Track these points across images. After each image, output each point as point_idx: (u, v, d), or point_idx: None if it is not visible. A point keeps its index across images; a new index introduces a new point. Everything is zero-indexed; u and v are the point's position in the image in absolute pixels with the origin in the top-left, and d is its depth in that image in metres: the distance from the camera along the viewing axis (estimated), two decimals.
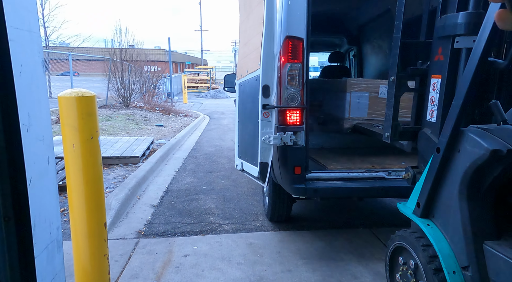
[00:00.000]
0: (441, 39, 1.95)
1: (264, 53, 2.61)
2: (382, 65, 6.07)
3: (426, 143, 2.09)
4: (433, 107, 2.04)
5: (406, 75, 2.20)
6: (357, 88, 3.28)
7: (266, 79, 2.64)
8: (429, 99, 2.08)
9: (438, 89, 1.98)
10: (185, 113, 16.09)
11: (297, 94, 2.78)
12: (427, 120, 2.10)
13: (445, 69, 1.92)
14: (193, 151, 7.94)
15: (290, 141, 2.73)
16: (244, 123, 3.20)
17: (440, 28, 1.94)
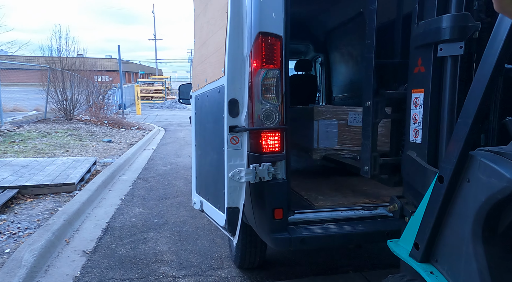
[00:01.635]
0: (420, 48, 1.75)
1: (230, 55, 1.87)
2: (353, 74, 5.58)
3: (412, 168, 1.83)
4: (417, 126, 1.81)
5: (383, 99, 2.03)
6: (325, 116, 3.03)
7: (234, 91, 1.90)
8: (411, 117, 1.85)
9: (421, 104, 1.77)
10: (138, 126, 14.87)
11: (274, 110, 2.06)
12: (411, 141, 1.86)
13: (428, 82, 1.71)
14: (145, 171, 6.95)
15: (268, 175, 2.00)
16: (204, 150, 2.42)
17: (419, 36, 1.74)
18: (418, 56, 1.77)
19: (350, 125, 3.01)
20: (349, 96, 5.75)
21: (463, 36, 1.55)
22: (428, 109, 1.73)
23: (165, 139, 12.51)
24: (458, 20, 1.56)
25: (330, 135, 3.01)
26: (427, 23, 1.69)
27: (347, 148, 3.03)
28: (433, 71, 1.70)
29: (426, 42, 1.70)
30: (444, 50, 1.64)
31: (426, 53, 1.71)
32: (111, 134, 11.71)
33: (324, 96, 6.50)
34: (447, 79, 1.67)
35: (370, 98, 2.01)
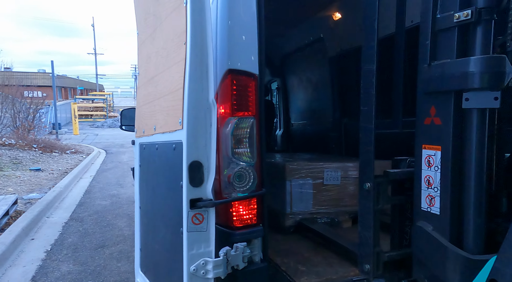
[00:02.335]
0: (433, 95, 1.46)
1: (191, 102, 1.36)
2: (312, 101, 5.32)
3: (427, 245, 1.50)
4: (432, 191, 1.49)
5: (386, 180, 1.68)
6: (299, 175, 2.64)
7: (196, 151, 1.38)
8: (423, 180, 1.53)
9: (437, 165, 1.47)
10: (74, 149, 13.45)
11: (249, 170, 1.57)
12: (424, 209, 1.54)
13: (447, 138, 1.41)
14: (80, 208, 6.00)
15: (243, 261, 1.48)
16: (153, 220, 1.84)
17: (433, 80, 1.44)
18: (431, 104, 1.47)
19: (327, 184, 2.65)
20: (309, 124, 5.48)
21: (499, 84, 1.26)
22: (449, 172, 1.41)
23: (106, 164, 11.37)
24: (492, 64, 1.26)
25: (304, 197, 2.60)
26: (446, 65, 1.38)
27: (324, 210, 2.65)
28: (454, 125, 1.38)
29: (444, 89, 1.39)
30: (472, 101, 1.33)
31: (444, 102, 1.41)
32: (41, 160, 10.34)
33: (281, 122, 6.18)
34: (473, 135, 1.36)
35: (371, 178, 1.63)
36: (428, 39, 1.44)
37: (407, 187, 1.70)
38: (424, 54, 1.47)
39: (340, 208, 2.68)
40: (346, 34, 4.07)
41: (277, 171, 2.71)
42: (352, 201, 2.66)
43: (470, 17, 1.27)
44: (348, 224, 2.72)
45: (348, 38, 4.05)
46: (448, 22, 1.37)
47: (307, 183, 2.61)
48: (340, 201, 2.67)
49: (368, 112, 1.65)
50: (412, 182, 1.61)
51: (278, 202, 2.70)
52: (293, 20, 4.51)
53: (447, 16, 1.37)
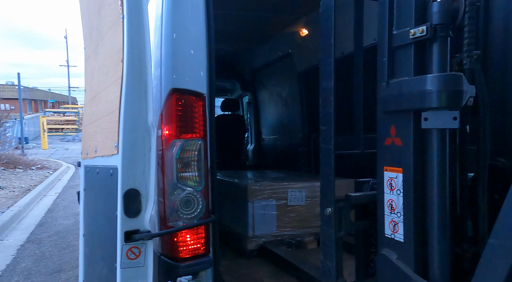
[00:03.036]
0: (393, 114, 1.39)
1: (127, 126, 1.25)
2: (283, 116, 5.29)
3: (392, 275, 1.38)
4: (395, 217, 1.39)
5: (348, 205, 1.57)
6: (261, 196, 2.53)
7: (133, 178, 1.26)
8: (386, 204, 1.43)
9: (399, 188, 1.37)
10: (41, 164, 12.85)
11: (197, 195, 1.47)
12: (388, 236, 1.43)
13: (408, 160, 1.33)
14: (39, 229, 5.65)
15: None
16: (93, 251, 1.68)
17: (391, 98, 1.37)
18: (390, 124, 1.40)
19: (291, 205, 2.55)
20: (279, 138, 5.43)
21: (457, 103, 1.20)
22: (412, 196, 1.32)
23: (74, 179, 10.89)
24: (449, 82, 1.20)
25: (267, 219, 2.48)
26: (404, 83, 1.32)
27: (288, 232, 2.54)
28: (415, 146, 1.31)
29: (403, 108, 1.33)
30: (431, 121, 1.27)
31: (403, 122, 1.34)
32: (2, 177, 9.78)
33: (253, 137, 6.11)
34: (435, 157, 1.29)
35: (331, 203, 1.52)
36: (385, 56, 1.39)
37: (370, 210, 1.60)
38: (382, 72, 1.42)
39: (305, 229, 2.59)
40: (313, 50, 4.09)
41: (239, 192, 2.61)
42: (316, 222, 2.57)
43: (426, 33, 1.23)
44: (313, 245, 2.63)
45: (315, 54, 4.06)
46: (404, 38, 1.32)
47: (270, 204, 2.51)
48: (305, 222, 2.59)
49: (327, 132, 1.57)
50: (375, 205, 1.52)
51: (240, 225, 2.59)
52: (262, 35, 4.50)
53: (403, 32, 1.33)
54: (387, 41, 1.39)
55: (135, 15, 1.24)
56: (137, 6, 1.25)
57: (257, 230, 2.48)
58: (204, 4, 1.50)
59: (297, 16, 3.84)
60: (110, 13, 1.42)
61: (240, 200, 2.57)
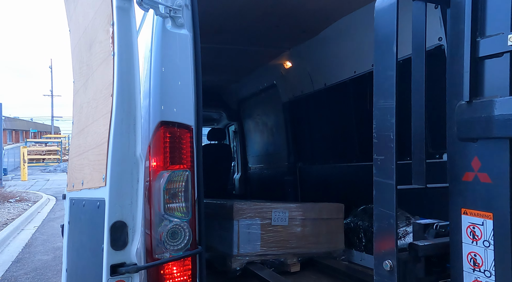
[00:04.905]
0: (476, 142, 1.11)
1: (115, 158, 1.27)
2: (268, 144, 5.37)
3: None
4: (482, 276, 1.09)
5: (414, 256, 1.26)
6: (247, 215, 2.64)
7: (120, 210, 1.27)
8: (466, 258, 1.14)
9: (488, 239, 1.08)
10: (20, 196, 12.42)
11: (184, 227, 1.47)
12: None
13: (503, 202, 1.04)
14: (15, 266, 5.39)
15: None
16: None
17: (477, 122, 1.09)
18: (472, 155, 1.14)
19: (274, 224, 2.64)
20: (266, 167, 5.48)
21: None
22: (510, 251, 1.04)
23: (55, 212, 10.55)
24: None
25: (252, 238, 2.57)
26: (497, 103, 1.05)
27: (272, 252, 2.62)
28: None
29: (495, 136, 1.06)
30: None
31: (494, 153, 1.08)
32: None
33: (239, 166, 6.13)
34: None
35: (392, 255, 1.20)
36: (467, 70, 1.12)
37: (434, 261, 1.32)
38: (458, 88, 1.15)
39: (288, 249, 2.69)
40: (297, 81, 4.24)
41: (225, 211, 2.69)
42: (299, 243, 2.69)
43: None
44: (296, 268, 2.72)
45: (299, 85, 4.22)
46: (496, 46, 1.07)
47: (255, 223, 2.60)
48: (288, 242, 2.69)
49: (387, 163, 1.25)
50: (442, 256, 1.27)
51: (225, 244, 2.66)
52: (248, 67, 4.65)
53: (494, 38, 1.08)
54: (468, 50, 1.12)
55: (125, 52, 1.30)
56: (128, 43, 1.32)
57: (241, 249, 2.55)
58: (191, 38, 1.58)
59: (282, 50, 4.01)
60: (101, 50, 1.48)
61: (225, 219, 2.64)
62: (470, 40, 1.11)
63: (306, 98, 4.18)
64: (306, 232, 2.72)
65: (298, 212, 2.72)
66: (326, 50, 3.49)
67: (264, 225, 2.61)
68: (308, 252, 2.78)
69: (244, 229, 2.56)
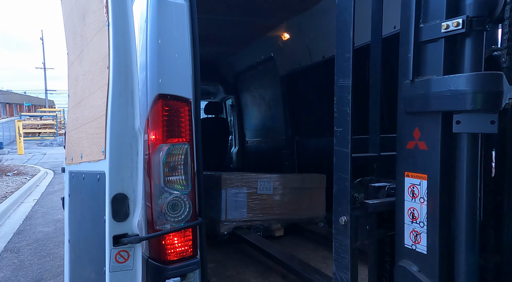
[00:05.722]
0: (417, 115, 1.27)
1: (114, 131, 1.27)
2: (266, 119, 5.35)
3: None
4: (417, 227, 1.29)
5: (365, 213, 1.44)
6: (234, 184, 2.87)
7: (121, 183, 1.28)
8: (406, 212, 1.33)
9: (423, 196, 1.26)
10: (17, 170, 12.46)
11: (184, 199, 1.49)
12: (407, 246, 1.33)
13: (434, 166, 1.21)
14: (17, 237, 5.49)
15: None
16: (79, 257, 1.69)
17: (417, 98, 1.25)
18: (414, 126, 1.28)
19: (260, 193, 2.87)
20: (263, 141, 5.49)
21: (496, 106, 1.08)
22: (438, 205, 1.21)
23: (53, 185, 10.61)
24: (487, 82, 1.08)
25: (239, 206, 2.80)
26: (433, 82, 1.20)
27: (258, 218, 2.86)
28: (443, 151, 1.19)
29: (431, 110, 1.21)
30: (464, 124, 1.14)
31: (430, 125, 1.22)
32: None
33: (236, 140, 6.14)
34: (463, 163, 1.16)
35: (346, 212, 1.39)
36: (411, 52, 1.26)
37: (386, 217, 1.50)
38: (405, 69, 1.29)
39: (273, 216, 2.90)
40: (295, 54, 4.17)
41: (214, 181, 2.85)
42: (283, 210, 2.92)
43: (461, 27, 1.11)
44: (280, 233, 2.98)
45: (297, 58, 4.15)
46: (434, 32, 1.19)
47: (241, 192, 2.81)
48: (272, 209, 2.90)
49: (344, 134, 1.42)
50: (391, 213, 1.42)
51: (214, 211, 2.84)
52: (244, 39, 4.55)
53: (432, 25, 1.20)
54: (412, 35, 1.25)
55: (120, 22, 1.26)
56: (123, 13, 1.28)
57: (229, 215, 2.78)
58: (188, 9, 1.53)
59: (280, 21, 3.91)
60: (95, 20, 1.44)
61: (214, 189, 2.82)
62: (414, 26, 1.25)
63: (304, 71, 4.13)
64: (290, 200, 2.94)
65: (282, 181, 2.92)
66: (325, 21, 3.41)
67: (250, 193, 2.82)
68: (291, 218, 3.03)
69: (231, 197, 2.77)
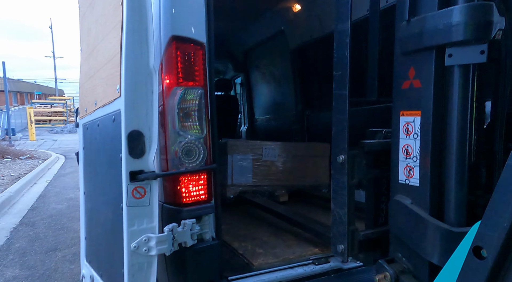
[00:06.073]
0: (413, 55, 1.29)
1: (129, 67, 1.26)
2: (275, 95, 5.31)
3: (405, 221, 1.34)
4: (411, 161, 1.34)
5: (361, 152, 1.51)
6: (239, 151, 2.92)
7: (136, 120, 1.28)
8: (401, 150, 1.38)
9: (416, 132, 1.31)
10: (30, 154, 12.66)
11: (198, 144, 1.49)
12: (402, 182, 1.38)
13: (428, 102, 1.25)
14: (32, 213, 5.61)
15: (191, 238, 1.39)
16: (96, 203, 1.71)
17: (412, 38, 1.27)
18: (409, 66, 1.31)
19: (265, 160, 2.92)
20: (273, 118, 5.45)
21: (486, 36, 1.09)
22: (430, 140, 1.26)
23: (65, 168, 10.77)
24: (478, 13, 1.10)
25: (244, 171, 2.88)
26: (427, 18, 1.21)
27: (263, 183, 2.92)
28: (436, 86, 1.23)
29: (425, 46, 1.23)
30: (456, 56, 1.17)
31: (424, 62, 1.25)
32: None
33: (246, 118, 6.12)
34: (455, 98, 1.20)
35: (344, 151, 1.46)
36: None
37: (382, 160, 1.55)
38: (401, 11, 1.31)
39: (277, 182, 2.94)
40: (306, 26, 4.09)
41: (220, 147, 2.87)
42: (287, 176, 2.96)
43: None
44: (284, 198, 3.02)
45: (309, 30, 4.07)
46: None
47: (247, 158, 2.87)
48: (277, 176, 2.95)
49: (342, 77, 1.46)
50: (387, 154, 1.46)
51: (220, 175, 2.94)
52: (254, 12, 4.48)
53: None
54: None
55: None
56: None
57: (235, 180, 2.86)
58: None
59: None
60: None
61: (221, 155, 2.85)
62: None
63: (315, 43, 4.05)
64: (294, 167, 2.98)
65: (287, 149, 2.96)
66: None
67: (256, 160, 2.88)
68: (295, 184, 3.07)
69: (237, 162, 2.84)
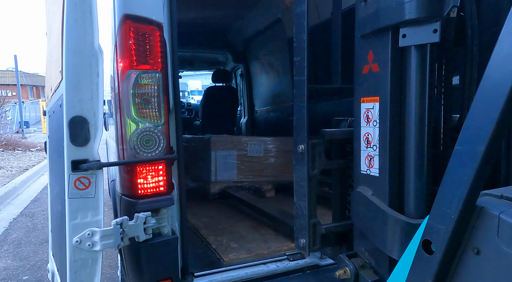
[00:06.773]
0: (370, 37, 1.23)
1: (69, 47, 1.17)
2: (275, 86, 5.17)
3: (366, 213, 1.29)
4: (371, 150, 1.28)
5: (322, 141, 1.44)
6: (224, 147, 2.86)
7: (79, 104, 1.19)
8: (362, 138, 1.32)
9: (375, 119, 1.25)
10: (41, 146, 12.85)
11: (156, 132, 1.39)
12: (363, 172, 1.33)
13: (385, 87, 1.19)
14: (33, 204, 5.66)
15: (146, 232, 1.30)
16: (53, 193, 1.63)
17: (369, 18, 1.21)
18: (368, 49, 1.25)
19: (250, 155, 2.85)
20: (272, 109, 5.33)
21: (439, 14, 1.05)
22: (388, 127, 1.20)
23: None
24: None
25: (229, 167, 2.81)
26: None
27: (248, 179, 2.86)
28: (393, 69, 1.17)
29: (380, 27, 1.16)
30: (409, 36, 1.11)
31: (381, 44, 1.19)
32: (0, 158, 9.81)
33: (246, 110, 6.01)
34: (413, 82, 1.14)
35: (304, 140, 1.40)
36: None
37: (348, 150, 1.49)
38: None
39: (263, 177, 2.89)
40: None
41: (204, 143, 2.86)
42: (273, 172, 2.90)
43: None
44: (271, 194, 2.97)
45: None
46: None
47: (231, 154, 2.80)
48: (262, 171, 2.89)
49: (300, 63, 1.43)
50: (350, 141, 1.41)
51: (204, 172, 2.88)
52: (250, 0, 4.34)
53: None
54: None
55: None
56: None
57: (219, 176, 2.79)
58: None
59: None
60: None
61: (205, 151, 2.84)
62: None
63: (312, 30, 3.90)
64: (282, 162, 2.89)
65: (272, 144, 2.88)
66: None
67: (241, 155, 2.81)
68: (283, 180, 2.99)
69: (221, 159, 2.76)
